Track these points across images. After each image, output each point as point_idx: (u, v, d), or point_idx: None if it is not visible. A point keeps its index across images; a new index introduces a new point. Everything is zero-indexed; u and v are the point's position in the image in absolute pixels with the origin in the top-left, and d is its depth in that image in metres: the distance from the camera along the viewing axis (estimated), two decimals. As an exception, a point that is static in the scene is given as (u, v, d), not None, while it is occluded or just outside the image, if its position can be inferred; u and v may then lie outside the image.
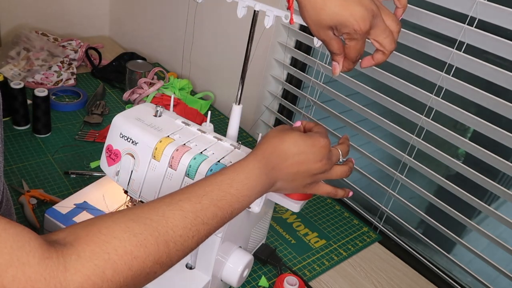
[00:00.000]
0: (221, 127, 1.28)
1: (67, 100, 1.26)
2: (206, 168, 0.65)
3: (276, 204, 0.78)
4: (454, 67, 0.84)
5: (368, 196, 1.05)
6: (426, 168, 0.92)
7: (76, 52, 1.46)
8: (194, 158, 0.66)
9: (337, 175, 0.64)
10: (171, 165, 0.67)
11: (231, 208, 0.54)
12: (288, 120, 1.22)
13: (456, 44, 0.82)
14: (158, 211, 0.48)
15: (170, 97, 0.94)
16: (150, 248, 0.45)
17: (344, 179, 1.08)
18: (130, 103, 1.29)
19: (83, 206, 0.80)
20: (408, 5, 0.87)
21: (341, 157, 0.63)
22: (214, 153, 0.69)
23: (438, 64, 0.86)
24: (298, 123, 0.66)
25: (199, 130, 0.73)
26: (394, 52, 0.92)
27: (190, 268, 0.72)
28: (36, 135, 1.09)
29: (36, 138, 1.08)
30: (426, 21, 0.86)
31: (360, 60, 0.61)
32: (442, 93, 0.87)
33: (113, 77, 1.40)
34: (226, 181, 0.55)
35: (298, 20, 0.60)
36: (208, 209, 0.51)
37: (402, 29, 0.89)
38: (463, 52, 0.82)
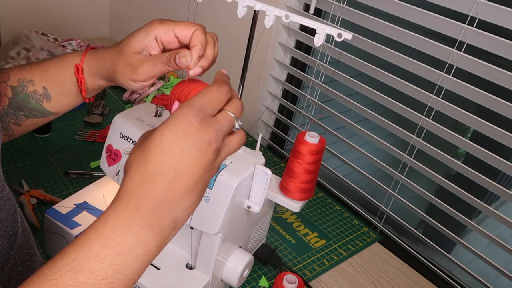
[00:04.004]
0: (221, 127, 1.27)
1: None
2: (206, 168, 0.65)
3: (276, 204, 0.78)
4: (454, 67, 0.84)
5: (368, 196, 1.05)
6: (426, 168, 0.92)
7: (76, 52, 1.46)
8: (194, 158, 0.66)
9: (235, 148, 0.45)
10: (171, 165, 0.67)
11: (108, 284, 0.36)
12: (288, 120, 1.22)
13: (456, 44, 0.82)
14: None
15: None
16: None
17: (345, 179, 1.09)
18: (130, 103, 1.29)
19: (83, 206, 0.79)
20: (408, 5, 0.87)
21: (235, 121, 0.44)
22: (214, 153, 0.69)
23: (438, 64, 0.86)
24: None
25: (199, 130, 0.73)
26: (394, 52, 0.92)
27: (190, 268, 0.72)
28: (36, 135, 1.09)
29: (36, 138, 1.08)
30: (426, 21, 0.86)
31: None
32: (442, 93, 0.87)
33: (113, 77, 1.40)
34: (70, 267, 0.36)
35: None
36: None
37: (402, 29, 0.89)
38: (463, 52, 0.82)
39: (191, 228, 0.68)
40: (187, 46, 0.56)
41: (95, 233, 0.37)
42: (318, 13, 1.11)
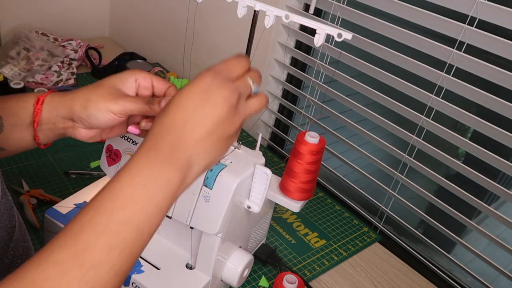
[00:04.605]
0: (221, 127, 1.27)
1: (67, 100, 1.26)
2: (206, 168, 0.65)
3: (276, 204, 0.78)
4: (454, 67, 0.84)
5: (368, 196, 1.05)
6: (426, 168, 0.92)
7: (76, 52, 1.46)
8: (194, 158, 0.66)
9: (256, 109, 0.49)
10: (171, 165, 0.67)
11: (134, 224, 0.40)
12: (288, 120, 1.22)
13: (456, 44, 0.82)
14: (26, 276, 0.36)
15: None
16: None
17: (345, 179, 1.09)
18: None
19: (83, 206, 0.79)
20: (408, 5, 0.87)
21: (252, 85, 0.48)
22: (214, 153, 0.69)
23: (438, 64, 0.86)
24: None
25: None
26: (394, 52, 0.92)
27: (190, 268, 0.72)
28: (36, 135, 1.08)
29: (36, 138, 1.08)
30: (426, 21, 0.86)
31: None
32: (442, 93, 0.87)
33: (113, 77, 1.40)
34: (108, 196, 0.41)
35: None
36: (96, 244, 0.38)
37: (402, 29, 0.89)
38: (463, 52, 0.82)
39: (191, 228, 0.68)
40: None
41: (121, 178, 0.42)
42: (318, 13, 1.11)
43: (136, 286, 0.69)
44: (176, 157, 0.43)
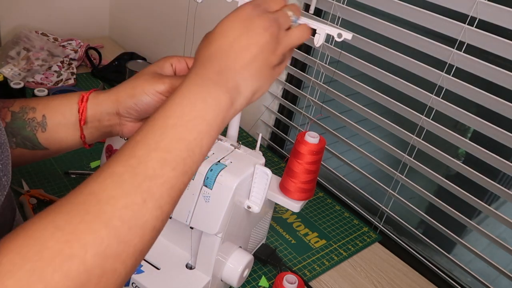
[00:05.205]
0: (221, 127, 1.27)
1: (67, 100, 1.26)
2: (206, 168, 0.65)
3: (276, 204, 0.78)
4: (454, 67, 0.84)
5: (368, 196, 1.05)
6: (426, 168, 0.92)
7: (76, 52, 1.46)
8: (194, 158, 0.66)
9: (298, 38, 0.50)
10: (171, 165, 0.67)
11: (184, 142, 0.41)
12: (288, 120, 1.22)
13: (456, 44, 0.82)
14: (84, 191, 0.38)
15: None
16: (85, 239, 0.35)
17: (345, 179, 1.09)
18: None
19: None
20: (408, 5, 0.87)
21: (291, 15, 0.50)
22: (214, 153, 0.69)
23: (438, 64, 0.86)
24: None
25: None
26: (394, 52, 0.92)
27: (190, 268, 0.72)
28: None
29: (36, 138, 1.08)
30: (426, 21, 0.86)
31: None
32: (442, 93, 0.87)
33: (113, 77, 1.40)
34: (160, 116, 0.43)
35: None
36: (149, 158, 0.40)
37: (402, 29, 0.89)
38: (463, 52, 0.82)
39: (191, 228, 0.68)
40: None
41: (172, 100, 0.44)
42: (318, 13, 1.11)
43: (136, 286, 0.69)
44: (224, 79, 0.44)
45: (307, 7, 1.13)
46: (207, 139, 0.43)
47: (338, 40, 0.59)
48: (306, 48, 1.17)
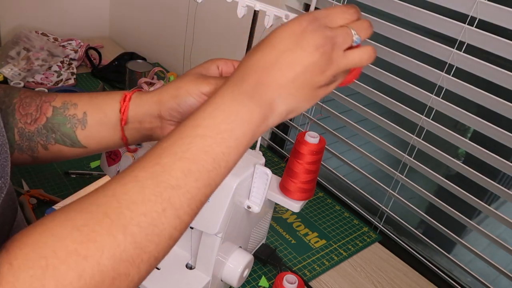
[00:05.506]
0: (221, 127, 1.27)
1: (67, 100, 1.26)
2: (206, 168, 0.65)
3: (276, 204, 0.78)
4: (454, 67, 0.84)
5: (368, 196, 1.05)
6: (426, 168, 0.92)
7: (76, 52, 1.46)
8: (194, 158, 0.66)
9: (357, 61, 0.45)
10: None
11: (211, 155, 0.41)
12: (288, 120, 1.22)
13: (456, 44, 0.82)
14: (106, 192, 0.38)
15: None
16: (102, 241, 0.35)
17: (345, 179, 1.09)
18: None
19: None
20: (408, 5, 0.87)
21: (354, 34, 0.44)
22: (214, 153, 0.69)
23: (438, 64, 0.86)
24: None
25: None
26: (394, 52, 0.92)
27: (190, 268, 0.72)
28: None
29: (36, 138, 1.08)
30: (426, 21, 0.86)
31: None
32: (442, 93, 0.87)
33: (113, 77, 1.40)
34: (189, 125, 0.42)
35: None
36: (173, 167, 0.39)
37: (402, 29, 0.89)
38: (463, 52, 0.82)
39: (191, 228, 0.68)
40: None
41: (204, 109, 0.43)
42: (318, 13, 1.11)
43: (136, 286, 0.69)
44: (259, 94, 0.42)
45: (307, 7, 1.13)
46: (235, 154, 0.43)
47: (338, 40, 0.59)
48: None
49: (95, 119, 0.58)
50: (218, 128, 0.41)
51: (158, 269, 0.71)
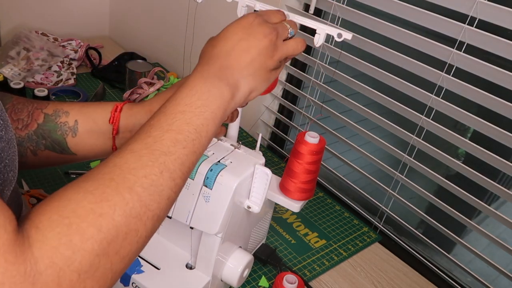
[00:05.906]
0: (221, 127, 1.28)
1: (67, 100, 1.26)
2: (206, 168, 0.65)
3: (276, 204, 0.78)
4: (454, 67, 0.84)
5: (368, 196, 1.05)
6: (426, 168, 0.92)
7: (76, 52, 1.46)
8: (194, 158, 0.66)
9: (294, 49, 0.56)
10: (171, 165, 0.67)
11: (193, 125, 0.47)
12: (288, 120, 1.22)
13: (456, 44, 0.82)
14: (108, 164, 0.43)
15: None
16: (113, 200, 0.40)
17: (345, 179, 1.09)
18: (130, 103, 1.29)
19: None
20: (408, 5, 0.87)
21: (289, 28, 0.56)
22: (214, 153, 0.69)
23: (438, 64, 0.86)
24: None
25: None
26: (394, 52, 0.92)
27: (190, 268, 0.72)
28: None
29: (36, 138, 1.08)
30: (426, 21, 0.86)
31: None
32: (442, 93, 0.87)
33: (113, 77, 1.40)
34: (171, 105, 0.48)
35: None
36: (163, 137, 0.46)
37: (402, 29, 0.89)
38: (463, 52, 0.82)
39: (191, 228, 0.68)
40: None
41: (180, 91, 0.49)
42: (318, 13, 1.11)
43: (136, 286, 0.69)
44: (226, 76, 0.50)
45: (307, 7, 1.13)
46: (212, 125, 0.49)
47: (338, 40, 0.59)
48: (306, 48, 1.17)
49: (86, 127, 0.61)
50: (195, 104, 0.48)
51: (158, 269, 0.71)
